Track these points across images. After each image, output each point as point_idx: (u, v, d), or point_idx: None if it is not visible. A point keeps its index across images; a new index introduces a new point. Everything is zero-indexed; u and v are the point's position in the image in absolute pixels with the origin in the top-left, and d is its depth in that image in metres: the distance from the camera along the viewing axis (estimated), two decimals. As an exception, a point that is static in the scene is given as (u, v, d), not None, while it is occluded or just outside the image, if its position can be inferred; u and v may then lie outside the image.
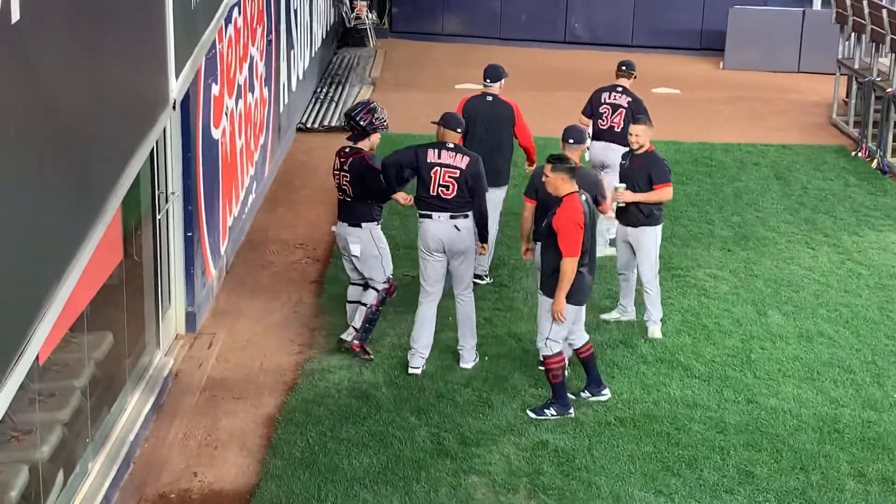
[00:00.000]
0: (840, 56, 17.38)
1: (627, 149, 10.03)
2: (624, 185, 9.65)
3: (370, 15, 23.05)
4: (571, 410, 8.55)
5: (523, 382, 9.01)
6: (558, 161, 8.33)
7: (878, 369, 9.42)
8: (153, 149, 8.37)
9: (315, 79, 18.46)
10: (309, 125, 16.42)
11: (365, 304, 9.32)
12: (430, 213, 8.99)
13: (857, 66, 16.61)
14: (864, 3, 16.03)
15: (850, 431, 8.45)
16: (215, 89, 10.29)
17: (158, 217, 8.97)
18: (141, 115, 6.72)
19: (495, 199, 10.52)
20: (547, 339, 8.44)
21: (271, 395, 8.80)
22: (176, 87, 7.49)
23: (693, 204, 13.35)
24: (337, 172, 9.25)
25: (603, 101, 11.58)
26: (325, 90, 18.47)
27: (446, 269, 9.14)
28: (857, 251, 12.03)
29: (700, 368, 9.30)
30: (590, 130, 11.34)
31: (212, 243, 10.33)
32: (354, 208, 9.22)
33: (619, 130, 11.35)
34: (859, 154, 15.50)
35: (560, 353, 8.46)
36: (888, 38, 15.09)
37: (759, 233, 12.51)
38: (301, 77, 16.46)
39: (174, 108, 7.53)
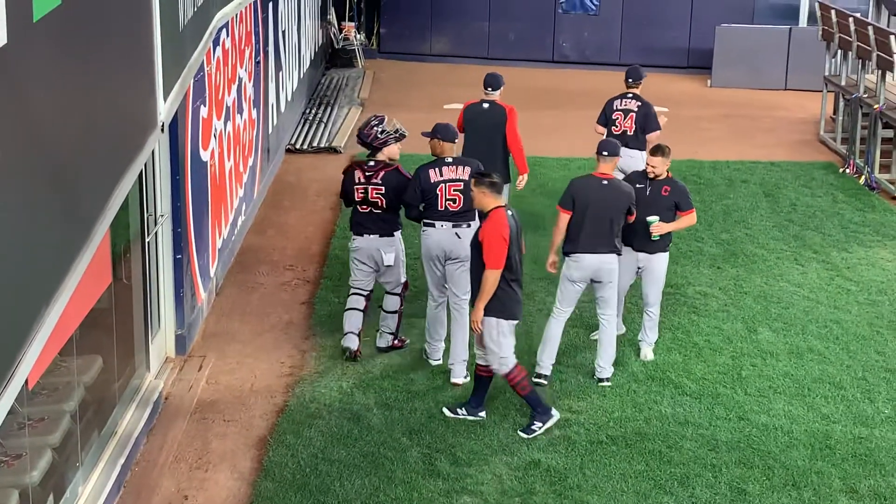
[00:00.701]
0: (827, 73, 17.46)
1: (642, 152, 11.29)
2: (657, 218, 9.44)
3: (358, 36, 23.11)
4: (554, 412, 8.63)
5: (514, 402, 8.99)
6: (480, 176, 8.52)
7: (869, 385, 9.44)
8: (142, 171, 8.36)
9: (304, 100, 18.48)
10: (298, 146, 16.42)
11: (389, 311, 9.70)
12: (433, 222, 9.25)
13: (843, 83, 16.69)
14: (850, 20, 16.12)
15: (842, 447, 8.45)
16: (204, 111, 10.29)
17: (147, 240, 8.96)
18: (129, 137, 6.72)
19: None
20: (500, 358, 8.50)
21: (262, 417, 8.78)
22: (164, 110, 7.49)
23: (682, 221, 13.36)
24: (363, 186, 9.40)
25: (615, 108, 12.23)
26: (313, 111, 18.48)
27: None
28: (847, 267, 12.06)
29: (691, 386, 9.31)
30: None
31: (201, 265, 10.32)
32: (386, 219, 9.49)
33: (631, 134, 12.07)
34: (847, 170, 15.55)
35: (517, 365, 8.57)
36: (874, 55, 15.17)
37: (748, 250, 12.54)
38: (290, 98, 16.48)
39: (162, 130, 7.54)
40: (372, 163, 9.48)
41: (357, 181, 9.44)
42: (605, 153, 9.22)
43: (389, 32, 23.51)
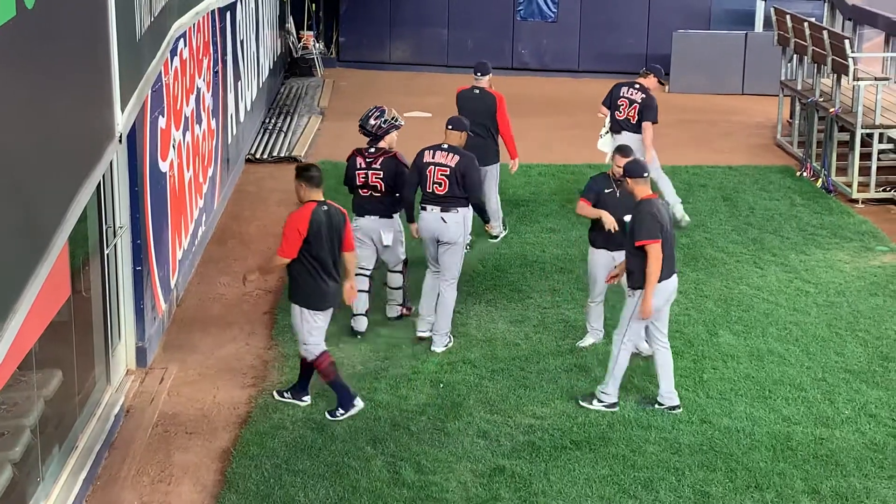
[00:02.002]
0: (783, 78, 17.63)
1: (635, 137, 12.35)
2: None
3: (317, 44, 23.08)
4: (358, 402, 8.81)
5: (479, 409, 9.00)
6: (300, 170, 8.78)
7: (829, 386, 9.52)
8: (100, 183, 8.30)
9: (263, 109, 18.42)
10: (258, 156, 16.36)
11: (394, 287, 10.42)
12: (425, 205, 9.94)
13: (799, 87, 16.85)
14: (805, 25, 16.28)
15: (803, 449, 8.52)
16: (162, 122, 10.23)
17: (107, 252, 8.89)
18: (86, 149, 6.67)
19: (491, 173, 12.18)
20: (304, 345, 8.76)
21: (225, 428, 8.72)
22: (122, 121, 7.45)
23: (642, 226, 13.44)
24: (363, 171, 10.10)
25: (621, 94, 13.12)
26: (273, 121, 18.43)
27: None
28: (805, 270, 12.17)
29: (654, 390, 9.34)
30: (607, 120, 13.23)
31: (161, 277, 10.25)
32: (385, 201, 10.14)
33: (634, 123, 12.99)
34: (804, 174, 15.70)
35: (323, 352, 8.77)
36: (829, 59, 15.33)
37: (708, 253, 12.62)
38: (249, 108, 16.42)
39: (120, 141, 7.49)
40: (372, 150, 10.15)
41: (358, 166, 10.15)
42: (645, 175, 8.80)
43: (348, 41, 23.49)
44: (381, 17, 23.16)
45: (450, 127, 10.14)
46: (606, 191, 9.66)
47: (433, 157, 9.91)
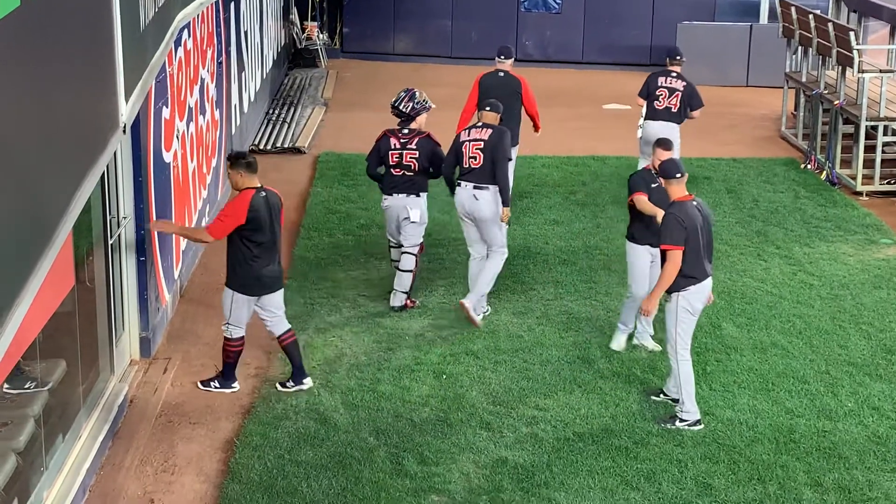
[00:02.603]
0: (787, 69, 17.60)
1: (679, 126, 12.82)
2: None
3: (321, 35, 23.06)
4: (236, 384, 9.11)
5: (482, 400, 9.01)
6: (237, 157, 8.87)
7: (832, 379, 9.52)
8: (104, 173, 8.30)
9: (267, 100, 18.42)
10: (261, 147, 16.36)
11: (405, 270, 10.57)
12: (461, 181, 10.30)
13: (804, 80, 16.83)
14: (811, 17, 16.25)
15: (806, 441, 8.52)
16: (166, 112, 10.23)
17: (111, 242, 8.89)
18: (90, 139, 6.67)
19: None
20: (227, 323, 8.92)
21: (228, 419, 8.74)
22: (126, 111, 7.45)
23: (646, 218, 13.43)
24: (397, 151, 10.51)
25: (659, 84, 13.32)
26: (277, 111, 18.42)
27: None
28: (809, 262, 12.16)
29: (657, 382, 9.35)
30: (643, 111, 13.42)
31: (165, 267, 10.26)
32: (416, 181, 10.54)
33: (675, 111, 13.29)
34: (808, 166, 15.68)
35: (240, 338, 8.95)
36: (834, 51, 15.30)
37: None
38: (252, 99, 16.42)
39: (124, 131, 7.49)
40: (406, 130, 10.59)
41: (392, 147, 10.56)
42: (679, 175, 8.60)
43: (352, 32, 23.47)
44: (386, 8, 23.14)
45: (487, 108, 10.53)
46: (653, 185, 9.46)
47: (469, 135, 10.36)
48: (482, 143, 10.22)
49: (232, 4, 14.35)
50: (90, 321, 8.62)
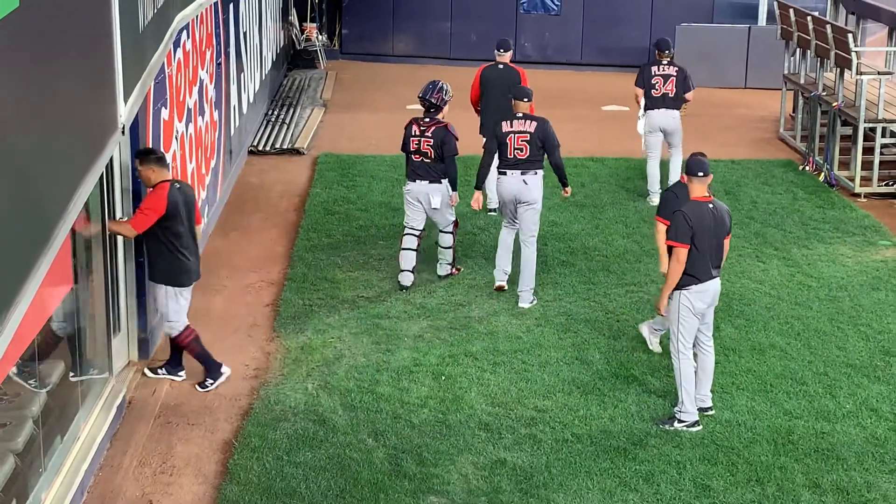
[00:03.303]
0: (786, 71, 17.61)
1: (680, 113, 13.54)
2: None
3: (320, 37, 23.05)
4: (225, 369, 9.19)
5: (480, 402, 9.02)
6: (146, 154, 8.93)
7: (830, 380, 9.53)
8: (103, 174, 8.30)
9: (266, 101, 18.42)
10: (260, 148, 16.36)
11: (445, 247, 11.32)
12: (505, 171, 10.80)
13: (802, 81, 16.83)
14: (809, 19, 16.26)
15: (804, 443, 8.53)
16: (165, 113, 10.23)
17: (109, 243, 8.89)
18: (89, 140, 6.68)
19: None
20: (168, 322, 9.03)
21: (227, 420, 8.74)
22: (125, 112, 7.46)
23: (645, 220, 13.45)
24: (416, 138, 11.06)
25: (653, 73, 13.81)
26: (276, 112, 18.42)
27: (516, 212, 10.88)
28: (807, 264, 12.17)
29: (655, 383, 9.35)
30: (642, 103, 13.91)
31: (164, 268, 10.23)
32: (434, 168, 11.06)
33: (673, 96, 13.77)
34: (807, 168, 15.69)
35: (187, 327, 9.06)
36: (832, 53, 15.31)
37: (710, 247, 12.60)
38: (251, 100, 16.42)
39: (123, 132, 7.50)
40: (427, 119, 11.13)
41: (413, 133, 11.14)
42: (701, 174, 8.63)
43: (351, 33, 23.46)
44: (385, 9, 23.14)
45: (525, 99, 10.97)
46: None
47: (511, 127, 10.79)
48: (528, 135, 10.75)
49: (231, 5, 14.35)
50: (89, 322, 8.62)
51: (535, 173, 10.77)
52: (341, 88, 20.74)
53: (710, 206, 8.63)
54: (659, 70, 13.85)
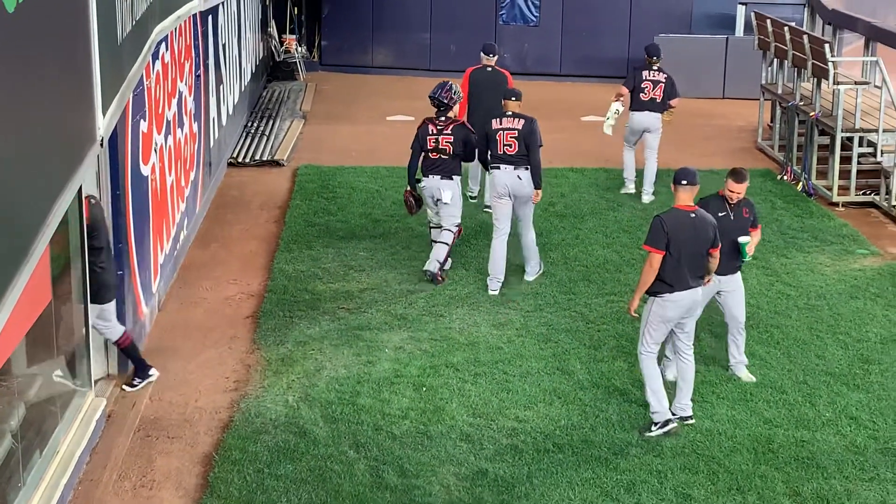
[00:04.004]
0: (763, 81, 17.71)
1: (661, 114, 14.41)
2: (749, 239, 9.36)
3: (300, 48, 23.06)
4: (153, 372, 9.36)
5: (462, 412, 9.01)
6: None
7: (810, 389, 9.56)
8: (81, 187, 8.27)
9: (245, 113, 18.40)
10: (240, 160, 16.34)
11: (441, 242, 11.63)
12: (498, 165, 11.40)
13: (780, 91, 16.93)
14: (786, 29, 16.36)
15: (784, 451, 8.55)
16: (144, 126, 10.21)
17: (88, 256, 8.85)
18: (68, 153, 6.65)
19: None
20: (103, 335, 9.10)
21: (207, 433, 8.71)
22: (103, 124, 7.43)
23: (624, 230, 13.49)
24: (434, 136, 11.63)
25: (644, 78, 14.50)
26: (255, 124, 18.41)
27: (511, 210, 11.45)
28: (786, 273, 12.22)
29: (636, 393, 9.37)
30: (628, 100, 14.59)
31: (143, 281, 10.22)
32: (449, 164, 11.63)
33: (659, 101, 14.52)
34: (785, 177, 15.77)
35: (122, 332, 9.10)
36: (810, 63, 15.41)
37: (689, 257, 12.64)
38: (231, 112, 16.40)
39: (102, 145, 7.47)
40: (443, 118, 11.71)
41: (430, 132, 11.67)
42: (685, 182, 8.66)
43: (331, 45, 23.48)
44: (364, 21, 23.17)
45: (513, 98, 11.63)
46: (720, 214, 9.31)
47: (501, 124, 11.42)
48: (516, 132, 11.36)
49: (210, 17, 14.34)
50: (68, 336, 8.58)
51: (527, 168, 11.38)
52: (321, 100, 20.74)
53: (692, 215, 8.64)
54: (650, 75, 14.49)
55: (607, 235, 13.25)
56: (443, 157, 11.62)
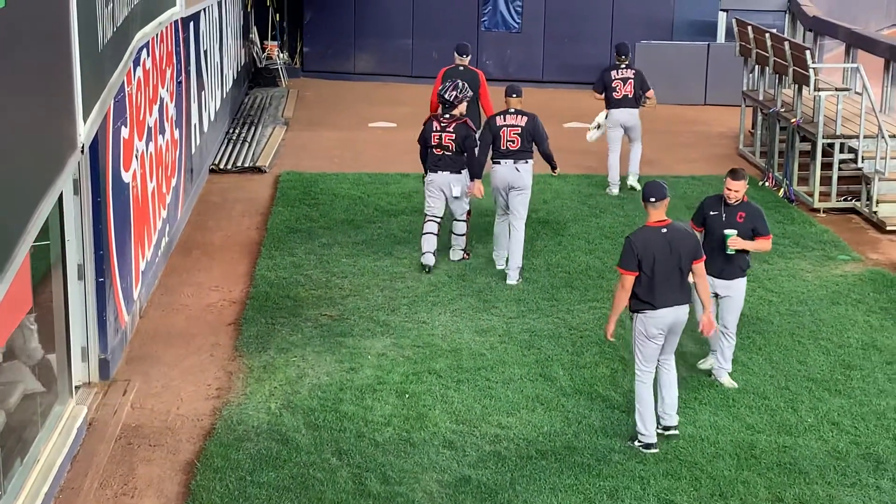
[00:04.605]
0: (745, 88, 17.77)
1: (638, 110, 14.97)
2: (735, 231, 9.38)
3: (281, 55, 23.03)
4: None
5: (444, 419, 9.00)
6: None
7: (792, 394, 9.59)
8: (62, 194, 8.23)
9: (227, 119, 18.36)
10: (222, 166, 16.30)
11: (459, 234, 12.34)
12: (499, 160, 11.95)
13: (761, 98, 17.00)
14: (767, 36, 16.43)
15: (767, 457, 8.57)
16: (125, 132, 10.17)
17: (69, 263, 8.81)
18: (49, 160, 6.62)
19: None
20: None
21: (189, 440, 8.67)
22: (84, 131, 7.40)
23: (607, 237, 13.51)
24: (438, 133, 12.01)
25: (613, 77, 15.01)
26: (237, 131, 18.37)
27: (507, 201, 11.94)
28: (768, 279, 12.25)
29: (619, 399, 9.38)
30: (598, 120, 15.24)
31: (124, 288, 10.18)
32: (456, 160, 12.04)
33: (632, 97, 15.01)
34: (766, 183, 15.83)
35: None
36: (791, 70, 15.47)
37: (672, 263, 12.67)
38: (213, 118, 16.36)
39: (83, 151, 7.44)
40: (447, 116, 12.07)
41: (434, 129, 12.06)
42: (653, 199, 8.55)
43: (313, 51, 23.46)
44: (346, 27, 23.16)
45: (514, 95, 12.11)
46: (712, 213, 9.44)
47: (504, 121, 11.96)
48: (519, 128, 11.91)
49: (191, 24, 14.31)
50: (48, 343, 8.53)
51: (526, 162, 11.91)
52: (303, 106, 20.71)
53: (664, 230, 8.55)
54: (618, 74, 14.99)
55: (590, 242, 13.27)
56: (446, 153, 12.02)
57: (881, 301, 11.69)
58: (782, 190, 15.36)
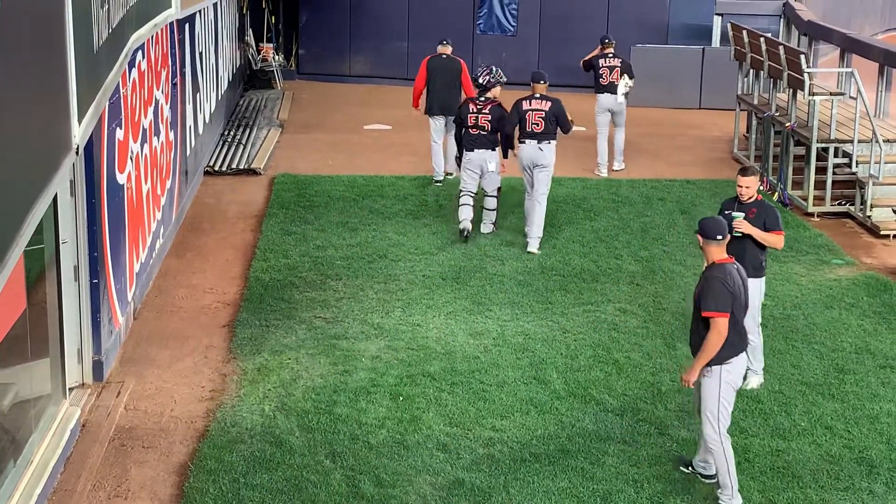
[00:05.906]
0: (739, 92, 17.80)
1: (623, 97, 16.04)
2: (742, 214, 9.36)
3: (277, 57, 23.03)
4: None
5: (438, 422, 9.00)
6: None
7: (785, 398, 9.60)
8: (56, 195, 8.23)
9: (222, 121, 18.35)
10: (216, 168, 16.29)
11: (490, 209, 13.40)
12: (524, 140, 13.06)
13: (756, 102, 17.03)
14: (762, 40, 16.46)
15: (760, 461, 8.58)
16: (120, 134, 10.17)
17: (62, 264, 8.80)
18: (42, 161, 6.62)
19: (450, 124, 15.17)
20: None
21: (182, 442, 8.66)
22: (79, 132, 7.39)
23: (601, 240, 13.52)
24: (474, 115, 13.24)
25: (601, 64, 16.29)
26: (232, 133, 18.36)
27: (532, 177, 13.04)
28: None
29: (612, 402, 9.39)
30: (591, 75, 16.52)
31: (118, 290, 10.17)
32: (489, 138, 13.24)
33: (617, 83, 16.21)
34: (761, 187, 15.80)
35: None
36: (785, 74, 15.50)
37: (666, 267, 12.70)
38: (208, 120, 16.35)
39: (77, 153, 7.43)
40: (482, 98, 13.33)
41: (470, 111, 13.29)
42: (720, 237, 7.86)
43: (308, 53, 23.46)
44: (342, 29, 23.17)
45: (541, 81, 13.26)
46: (727, 211, 9.45)
47: (531, 105, 13.08)
48: (543, 112, 13.01)
49: (187, 25, 14.30)
50: (42, 344, 8.52)
51: (549, 142, 13.00)
52: (298, 108, 20.71)
53: (735, 266, 7.92)
54: (606, 62, 16.25)
55: (584, 245, 13.28)
56: (482, 133, 13.17)
57: (875, 305, 11.71)
58: (776, 194, 15.38)
